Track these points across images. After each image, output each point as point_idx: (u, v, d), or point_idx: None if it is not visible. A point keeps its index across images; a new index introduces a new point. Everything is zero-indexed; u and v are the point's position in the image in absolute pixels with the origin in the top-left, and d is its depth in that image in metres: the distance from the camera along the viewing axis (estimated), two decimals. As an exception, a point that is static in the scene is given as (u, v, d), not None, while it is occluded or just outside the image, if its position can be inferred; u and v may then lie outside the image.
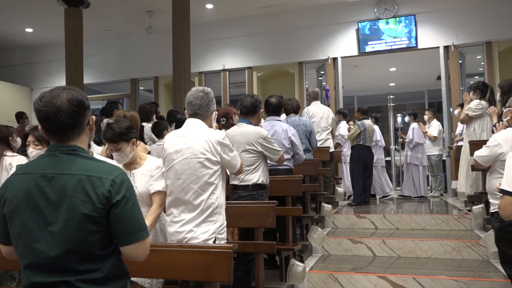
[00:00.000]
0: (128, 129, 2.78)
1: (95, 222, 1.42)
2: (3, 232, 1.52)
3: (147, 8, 9.07)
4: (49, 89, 1.51)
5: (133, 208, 1.48)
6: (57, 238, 1.40)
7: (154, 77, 10.42)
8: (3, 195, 1.49)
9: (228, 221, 2.69)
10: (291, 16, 9.35)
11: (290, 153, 4.20)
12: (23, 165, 1.59)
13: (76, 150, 1.49)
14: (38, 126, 1.55)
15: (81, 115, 1.49)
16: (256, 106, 3.63)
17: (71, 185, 1.42)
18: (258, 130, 3.50)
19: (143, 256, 1.54)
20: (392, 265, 4.27)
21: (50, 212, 1.42)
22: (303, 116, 6.12)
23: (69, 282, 1.41)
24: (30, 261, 1.43)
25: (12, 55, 11.71)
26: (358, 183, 6.77)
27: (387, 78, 11.72)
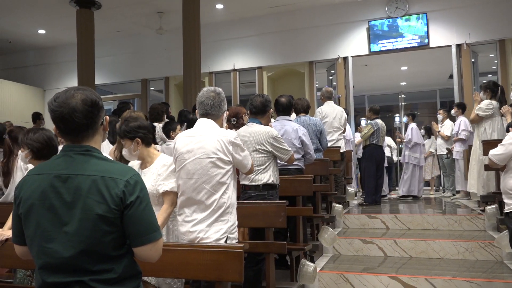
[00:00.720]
0: (134, 128, 2.79)
1: (109, 223, 1.42)
2: (18, 233, 1.53)
3: (158, 9, 9.12)
4: (62, 89, 1.53)
5: (147, 209, 1.49)
6: (72, 238, 1.41)
7: (164, 77, 10.48)
8: (18, 195, 1.50)
9: (238, 221, 2.69)
10: (301, 15, 9.33)
11: (300, 152, 4.20)
12: (37, 165, 1.60)
13: (90, 150, 1.50)
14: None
15: (95, 115, 1.50)
16: (266, 106, 3.63)
17: (85, 185, 1.42)
18: (268, 130, 3.50)
19: (156, 257, 1.54)
20: (403, 266, 4.23)
21: (64, 213, 1.42)
22: (316, 115, 6.10)
23: (83, 282, 1.42)
24: (45, 261, 1.44)
25: (25, 56, 11.87)
26: (370, 183, 6.73)
27: (398, 77, 11.63)
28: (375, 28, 8.77)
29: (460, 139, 7.14)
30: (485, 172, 5.45)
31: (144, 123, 2.86)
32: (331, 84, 9.51)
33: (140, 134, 2.78)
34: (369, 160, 6.70)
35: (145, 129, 2.84)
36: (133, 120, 2.86)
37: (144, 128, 2.84)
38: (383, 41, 8.73)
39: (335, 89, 8.82)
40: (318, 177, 4.99)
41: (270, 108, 3.67)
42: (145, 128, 2.84)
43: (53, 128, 1.51)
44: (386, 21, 8.72)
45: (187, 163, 2.58)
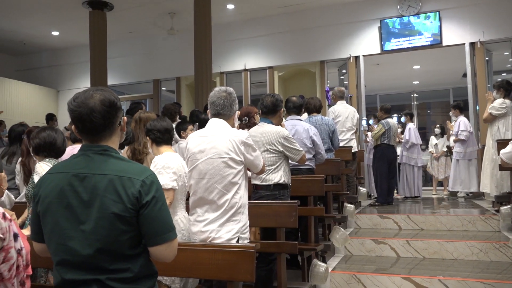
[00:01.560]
0: (148, 128, 2.89)
1: (125, 222, 1.44)
2: (36, 230, 1.56)
3: (169, 10, 9.17)
4: (75, 90, 1.55)
5: (162, 209, 1.50)
6: (89, 236, 1.43)
7: (176, 77, 10.54)
8: (37, 193, 1.52)
9: (250, 220, 2.69)
10: (312, 14, 9.30)
11: (311, 152, 4.19)
12: (56, 164, 1.62)
13: (107, 150, 1.52)
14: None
15: (113, 115, 1.52)
16: (277, 105, 3.62)
17: (102, 185, 1.44)
18: (279, 130, 3.49)
19: (171, 257, 1.55)
20: (416, 266, 4.19)
21: (82, 211, 1.44)
22: (329, 115, 6.08)
23: (100, 280, 1.43)
24: (62, 258, 1.46)
25: (39, 58, 12.04)
26: (382, 183, 6.67)
27: (411, 76, 11.52)
28: (387, 27, 8.70)
29: (460, 140, 7.13)
30: (499, 172, 5.38)
31: (161, 125, 2.87)
32: (343, 84, 9.46)
33: (151, 134, 2.85)
34: (380, 160, 6.65)
35: (158, 131, 2.86)
36: (158, 120, 2.92)
37: (158, 131, 2.86)
38: (395, 40, 8.65)
39: (346, 89, 8.77)
40: (329, 177, 4.97)
41: (281, 108, 3.66)
42: (159, 131, 2.86)
43: (73, 127, 1.53)
44: (398, 19, 8.64)
45: (199, 163, 2.59)
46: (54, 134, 2.90)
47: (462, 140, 7.10)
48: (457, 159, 7.20)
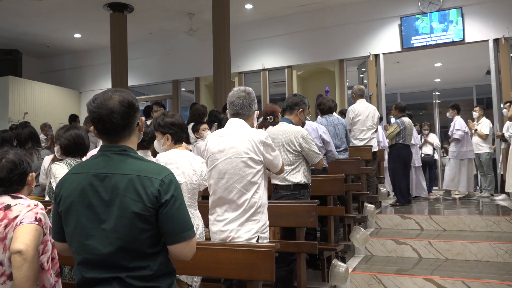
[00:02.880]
0: (168, 124, 2.90)
1: (145, 221, 1.46)
2: (58, 229, 1.59)
3: (188, 11, 9.25)
4: (97, 91, 1.58)
5: (181, 207, 1.51)
6: (110, 235, 1.45)
7: (195, 78, 10.61)
8: (58, 193, 1.56)
9: (269, 220, 2.69)
10: (330, 13, 9.24)
11: (322, 151, 4.20)
12: (76, 164, 1.66)
13: (126, 150, 1.54)
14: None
15: (132, 116, 1.54)
16: (295, 104, 3.60)
17: (122, 184, 1.46)
18: (298, 129, 3.47)
19: (190, 255, 1.56)
20: (439, 268, 4.12)
21: (103, 210, 1.47)
22: (348, 114, 6.03)
23: (120, 278, 1.46)
24: (84, 257, 1.49)
25: (62, 60, 12.30)
26: (401, 183, 6.56)
27: (432, 74, 11.31)
28: (408, 24, 8.57)
29: (454, 139, 7.20)
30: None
31: (178, 121, 2.91)
32: (362, 82, 9.37)
33: (172, 131, 2.88)
34: (396, 161, 6.52)
35: (178, 127, 2.89)
36: (170, 116, 2.93)
37: (178, 126, 2.90)
38: (416, 37, 8.51)
39: (366, 87, 8.67)
40: (349, 177, 4.93)
41: (300, 108, 3.61)
42: (179, 126, 2.90)
43: (91, 128, 1.56)
44: (419, 16, 8.50)
45: (219, 163, 2.60)
46: (78, 131, 2.94)
47: (457, 139, 7.16)
48: (450, 158, 7.31)
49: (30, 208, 1.82)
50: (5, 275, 1.78)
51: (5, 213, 1.79)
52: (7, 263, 1.76)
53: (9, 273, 1.77)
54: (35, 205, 1.85)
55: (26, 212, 1.79)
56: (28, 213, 1.79)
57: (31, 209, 1.82)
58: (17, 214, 1.78)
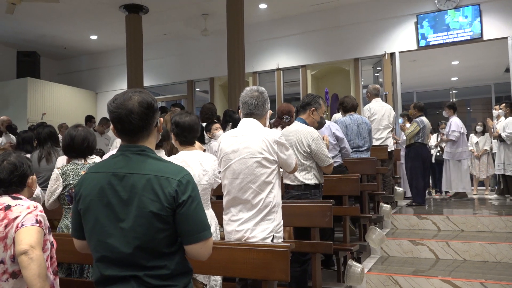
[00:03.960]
0: (173, 123, 2.90)
1: (162, 221, 1.47)
2: (77, 227, 1.62)
3: (202, 11, 9.29)
4: (113, 92, 1.59)
5: (198, 208, 1.52)
6: (128, 234, 1.47)
7: (209, 78, 10.65)
8: (78, 192, 1.58)
9: (284, 220, 2.68)
10: (345, 12, 9.17)
11: (336, 148, 4.18)
12: (96, 163, 1.69)
13: (145, 150, 1.56)
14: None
15: (150, 117, 1.56)
16: (307, 103, 3.57)
17: (140, 184, 1.48)
18: (309, 130, 3.43)
19: (206, 255, 1.57)
20: (457, 269, 4.06)
21: (121, 209, 1.49)
22: (364, 113, 5.99)
23: (138, 277, 1.47)
24: (102, 255, 1.51)
25: (79, 61, 12.48)
26: (418, 183, 6.49)
27: (449, 72, 11.15)
28: (424, 22, 8.45)
29: (450, 140, 7.18)
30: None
31: (184, 121, 2.83)
32: (377, 81, 9.28)
33: (174, 130, 2.87)
34: (415, 160, 6.46)
35: (181, 127, 2.84)
36: (178, 115, 2.92)
37: (181, 127, 2.84)
38: (433, 35, 8.39)
39: (381, 86, 8.59)
40: (365, 177, 4.89)
41: (313, 107, 3.55)
42: (183, 127, 2.84)
43: (111, 127, 1.58)
44: (436, 14, 8.38)
45: (233, 163, 2.60)
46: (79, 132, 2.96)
47: (452, 140, 7.16)
48: (448, 159, 7.29)
49: (30, 210, 1.87)
50: (8, 273, 1.83)
51: (6, 213, 1.84)
52: (9, 261, 1.82)
53: (11, 271, 1.83)
54: (35, 207, 1.91)
55: (26, 214, 1.85)
56: (29, 216, 1.84)
57: (31, 211, 1.87)
58: (17, 214, 1.84)
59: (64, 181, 2.79)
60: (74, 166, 2.85)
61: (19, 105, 10.45)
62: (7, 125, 7.29)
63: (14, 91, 10.59)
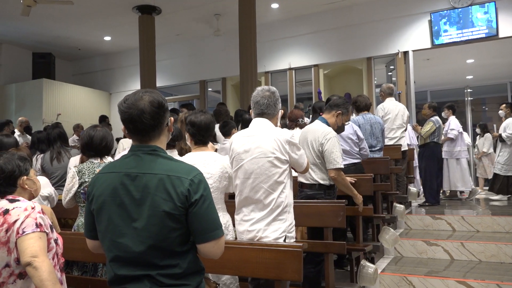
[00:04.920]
0: (188, 122, 2.88)
1: (175, 220, 1.48)
2: (90, 227, 1.64)
3: (215, 11, 9.32)
4: (126, 93, 1.61)
5: (210, 207, 1.53)
6: (141, 233, 1.48)
7: (221, 78, 10.68)
8: (90, 192, 1.60)
9: (296, 220, 2.67)
10: (357, 10, 9.11)
11: (357, 147, 4.17)
12: (108, 164, 1.70)
13: (156, 150, 1.57)
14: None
15: (162, 116, 1.57)
16: (336, 105, 3.55)
17: (153, 183, 1.49)
18: (328, 130, 3.39)
19: (218, 254, 1.58)
20: (472, 270, 4.00)
21: (134, 209, 1.50)
22: (378, 112, 5.93)
23: (151, 276, 1.48)
24: (116, 255, 1.52)
25: (92, 62, 12.63)
26: (432, 183, 6.43)
27: (464, 70, 10.99)
28: (438, 20, 8.35)
29: (449, 138, 7.15)
30: None
31: (199, 121, 2.83)
32: (391, 80, 9.19)
33: (190, 131, 2.84)
34: (430, 159, 6.40)
35: (197, 127, 2.83)
36: (193, 114, 2.91)
37: (197, 127, 2.83)
38: (447, 34, 8.28)
39: (395, 85, 8.51)
40: (378, 176, 4.85)
41: (340, 110, 3.52)
42: (198, 127, 2.83)
43: (122, 128, 1.59)
44: (450, 12, 8.27)
45: (245, 163, 2.59)
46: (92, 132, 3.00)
47: (451, 139, 7.14)
48: (446, 158, 7.27)
49: (28, 213, 1.87)
50: (14, 274, 1.86)
51: (5, 217, 1.86)
52: (14, 264, 1.84)
53: (17, 272, 1.86)
54: (32, 208, 1.90)
55: (24, 217, 1.85)
56: (28, 220, 1.84)
57: (29, 213, 1.87)
58: (16, 218, 1.85)
59: (80, 178, 2.83)
60: (90, 165, 2.89)
61: (34, 105, 10.62)
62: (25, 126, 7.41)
63: (30, 92, 10.77)
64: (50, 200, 3.28)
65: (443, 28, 8.31)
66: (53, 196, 3.28)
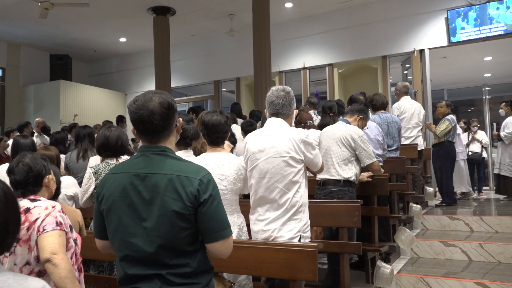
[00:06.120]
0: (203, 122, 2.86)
1: (184, 219, 1.50)
2: (99, 227, 1.66)
3: (228, 12, 9.34)
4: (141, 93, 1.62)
5: (218, 207, 1.54)
6: (151, 233, 1.50)
7: (235, 78, 10.70)
8: (100, 193, 1.62)
9: (312, 220, 2.66)
10: (372, 8, 9.03)
11: (380, 149, 4.16)
12: (117, 164, 1.72)
13: (165, 150, 1.58)
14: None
15: (171, 117, 1.59)
16: (359, 110, 3.82)
17: (162, 184, 1.51)
18: (355, 129, 3.57)
19: (227, 253, 1.59)
20: (491, 272, 3.92)
21: (143, 209, 1.52)
22: (393, 111, 5.87)
23: (161, 275, 1.50)
24: (126, 254, 1.54)
25: (108, 63, 12.79)
26: (448, 182, 6.31)
27: (482, 68, 10.79)
28: (455, 17, 8.22)
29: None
30: None
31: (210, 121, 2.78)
32: (406, 79, 9.08)
33: (203, 131, 2.84)
34: (445, 159, 6.27)
35: (210, 128, 2.80)
36: (207, 114, 2.90)
37: (209, 127, 2.79)
38: (464, 31, 8.14)
39: (410, 84, 8.41)
40: (394, 176, 4.79)
41: (362, 115, 3.78)
42: (211, 127, 2.80)
43: (131, 129, 1.61)
44: (467, 9, 8.13)
45: (259, 163, 2.59)
46: (106, 132, 3.03)
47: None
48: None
49: (48, 211, 1.90)
50: (34, 272, 1.89)
51: (26, 216, 1.89)
52: (34, 262, 1.88)
53: (37, 270, 1.89)
54: (53, 207, 1.93)
55: (45, 215, 1.88)
56: (48, 219, 1.88)
57: (50, 212, 1.90)
58: (36, 216, 1.88)
59: (96, 179, 2.86)
60: (106, 165, 2.93)
61: (52, 106, 10.81)
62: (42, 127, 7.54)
63: (47, 94, 10.96)
64: (76, 199, 3.33)
65: (460, 25, 8.18)
66: (79, 196, 3.32)
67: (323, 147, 3.56)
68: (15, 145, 3.62)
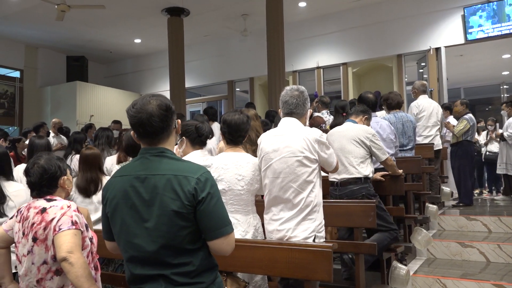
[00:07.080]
0: (221, 121, 2.83)
1: (184, 218, 1.52)
2: (107, 229, 1.71)
3: (242, 12, 9.36)
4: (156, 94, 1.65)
5: (218, 204, 1.56)
6: (152, 233, 1.53)
7: (249, 78, 10.71)
8: (105, 196, 1.67)
9: (327, 220, 2.65)
10: (387, 7, 8.94)
11: (393, 149, 4.13)
12: (119, 168, 1.76)
13: (164, 152, 1.61)
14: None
15: (169, 119, 1.61)
16: (363, 111, 3.86)
17: (161, 184, 1.54)
18: (366, 128, 3.63)
19: (229, 250, 1.61)
20: (510, 273, 3.85)
21: (144, 210, 1.55)
22: (412, 110, 5.78)
23: (165, 275, 1.53)
24: (131, 255, 1.58)
25: (123, 64, 12.93)
26: (466, 182, 6.20)
27: (499, 66, 10.61)
28: (471, 15, 8.08)
29: (447, 141, 6.94)
30: None
31: (232, 120, 2.78)
32: (422, 77, 8.97)
33: (223, 130, 2.81)
34: (464, 158, 6.17)
35: (229, 126, 2.77)
36: (227, 113, 2.86)
37: (228, 126, 2.77)
38: (481, 28, 8.01)
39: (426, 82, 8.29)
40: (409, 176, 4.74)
41: (366, 115, 3.83)
42: (229, 126, 2.78)
43: (131, 132, 1.64)
44: (484, 6, 7.99)
45: (273, 162, 2.59)
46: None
47: (448, 141, 6.90)
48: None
49: (64, 211, 1.93)
50: (51, 271, 1.93)
51: (42, 216, 1.93)
52: (51, 261, 1.91)
53: (54, 269, 1.92)
54: (68, 206, 1.97)
55: (60, 215, 1.92)
56: (64, 218, 1.91)
57: (65, 212, 1.93)
58: (52, 216, 1.92)
59: None
60: None
61: (69, 107, 10.98)
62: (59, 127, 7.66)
63: (64, 95, 11.14)
64: None
65: (477, 22, 8.05)
66: None
67: (336, 148, 3.54)
68: (31, 146, 3.70)
